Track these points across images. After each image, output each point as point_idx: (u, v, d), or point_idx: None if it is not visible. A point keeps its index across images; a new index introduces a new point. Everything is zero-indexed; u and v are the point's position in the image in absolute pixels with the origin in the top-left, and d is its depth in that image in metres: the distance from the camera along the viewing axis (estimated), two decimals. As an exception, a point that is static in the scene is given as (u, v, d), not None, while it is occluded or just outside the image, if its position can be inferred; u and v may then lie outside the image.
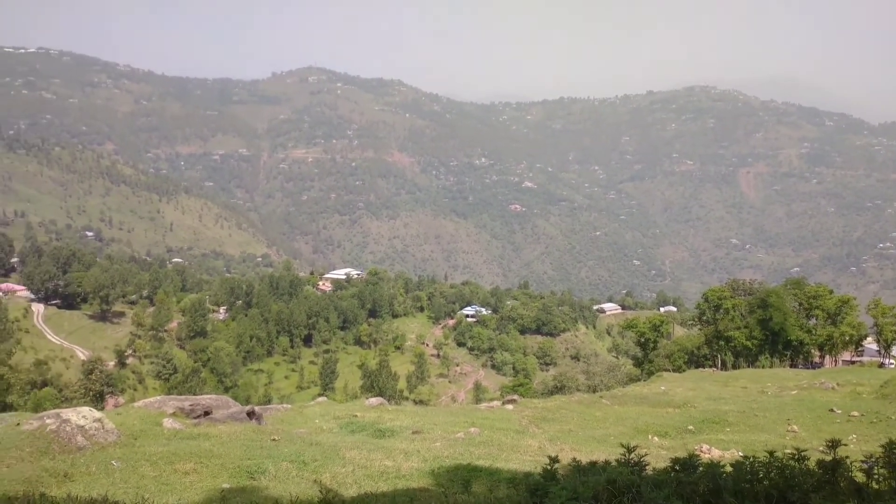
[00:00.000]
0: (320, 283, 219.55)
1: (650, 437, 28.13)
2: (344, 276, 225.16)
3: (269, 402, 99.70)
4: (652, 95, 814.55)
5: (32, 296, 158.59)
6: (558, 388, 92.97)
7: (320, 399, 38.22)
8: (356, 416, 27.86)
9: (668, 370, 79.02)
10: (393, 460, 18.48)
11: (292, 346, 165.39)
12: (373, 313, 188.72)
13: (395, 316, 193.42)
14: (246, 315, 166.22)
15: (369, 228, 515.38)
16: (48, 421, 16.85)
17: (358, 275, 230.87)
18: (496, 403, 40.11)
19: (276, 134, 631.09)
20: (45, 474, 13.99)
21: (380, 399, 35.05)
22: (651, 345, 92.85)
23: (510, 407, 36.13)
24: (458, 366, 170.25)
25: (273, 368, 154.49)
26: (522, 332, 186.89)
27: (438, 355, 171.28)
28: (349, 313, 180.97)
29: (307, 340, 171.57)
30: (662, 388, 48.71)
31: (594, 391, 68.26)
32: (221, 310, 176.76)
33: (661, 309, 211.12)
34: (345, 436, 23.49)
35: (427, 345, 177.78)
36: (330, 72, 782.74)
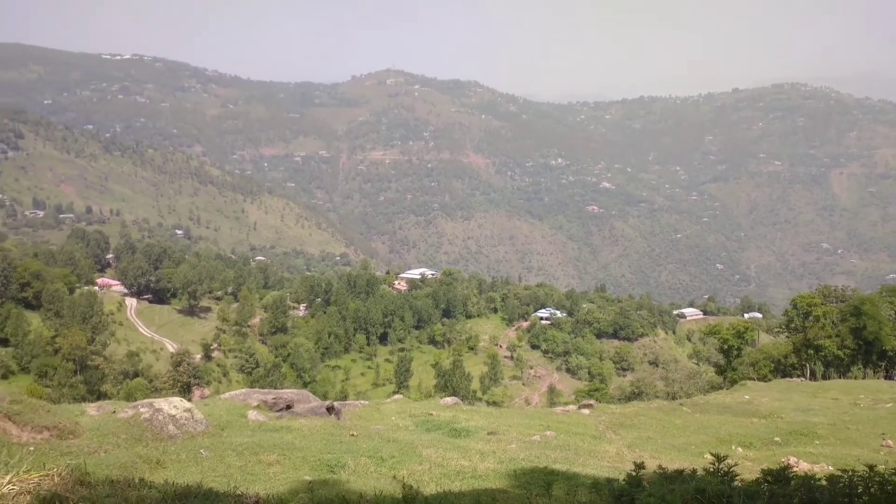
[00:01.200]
0: (396, 282, 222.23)
1: (734, 447, 27.06)
2: (419, 276, 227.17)
3: (345, 398, 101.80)
4: (737, 93, 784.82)
5: (126, 290, 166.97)
6: (636, 394, 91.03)
7: (396, 396, 38.68)
8: (431, 414, 28.03)
9: (753, 379, 75.81)
10: (469, 460, 18.48)
11: (368, 344, 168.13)
12: (447, 313, 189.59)
13: (468, 316, 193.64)
14: (325, 312, 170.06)
15: (444, 229, 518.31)
16: (142, 410, 17.72)
17: (432, 275, 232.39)
18: (572, 408, 39.54)
19: (354, 136, 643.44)
20: (139, 460, 14.68)
21: (455, 399, 35.14)
22: (734, 352, 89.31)
23: (586, 412, 35.55)
24: (531, 368, 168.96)
25: (350, 365, 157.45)
26: (599, 336, 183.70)
27: (512, 357, 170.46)
28: (424, 313, 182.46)
29: (383, 338, 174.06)
30: (746, 397, 46.82)
31: (673, 398, 66.35)
32: (301, 307, 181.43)
33: (746, 315, 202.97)
34: (421, 434, 23.67)
35: (500, 346, 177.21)
36: (408, 74, 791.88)
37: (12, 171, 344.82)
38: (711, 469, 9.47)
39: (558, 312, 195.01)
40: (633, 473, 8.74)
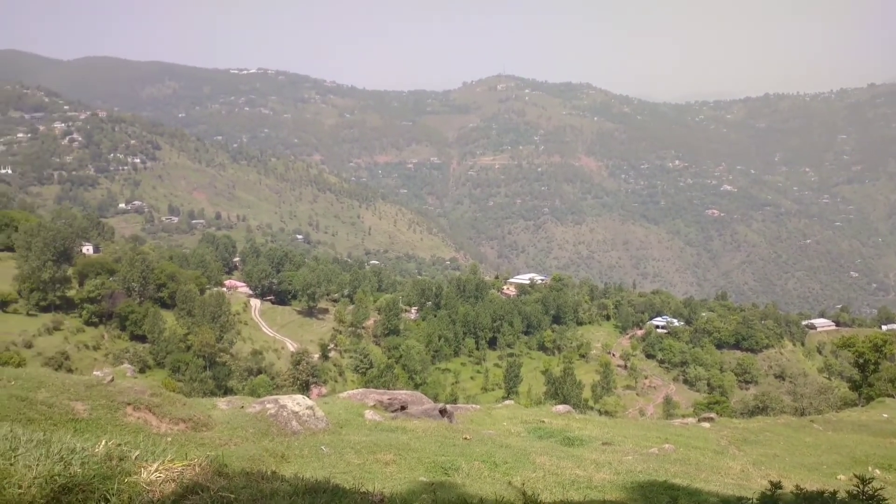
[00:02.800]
0: (505, 287, 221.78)
1: (870, 469, 24.97)
2: (528, 282, 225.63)
3: (455, 401, 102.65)
4: (874, 88, 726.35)
5: (251, 291, 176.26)
6: (760, 409, 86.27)
7: (507, 402, 38.54)
8: (544, 421, 27.74)
9: (892, 396, 69.82)
10: (584, 470, 18.10)
11: (478, 348, 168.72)
12: (556, 319, 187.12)
13: (579, 323, 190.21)
14: (435, 316, 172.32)
15: (554, 234, 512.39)
16: (268, 406, 18.62)
17: (542, 280, 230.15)
18: (691, 420, 38.04)
19: (465, 142, 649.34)
20: (265, 454, 15.41)
21: (567, 407, 34.63)
22: (871, 367, 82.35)
23: (706, 425, 34.09)
24: (646, 378, 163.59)
25: (459, 368, 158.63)
26: (719, 346, 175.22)
27: (625, 366, 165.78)
28: (533, 318, 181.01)
29: (492, 343, 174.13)
30: (885, 415, 43.17)
31: (802, 414, 62.21)
32: (413, 310, 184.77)
33: (884, 327, 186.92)
34: (533, 441, 23.46)
35: (613, 354, 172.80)
36: (518, 78, 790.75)
37: (151, 179, 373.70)
38: (854, 492, 8.75)
39: (675, 321, 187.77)
40: (769, 493, 8.20)
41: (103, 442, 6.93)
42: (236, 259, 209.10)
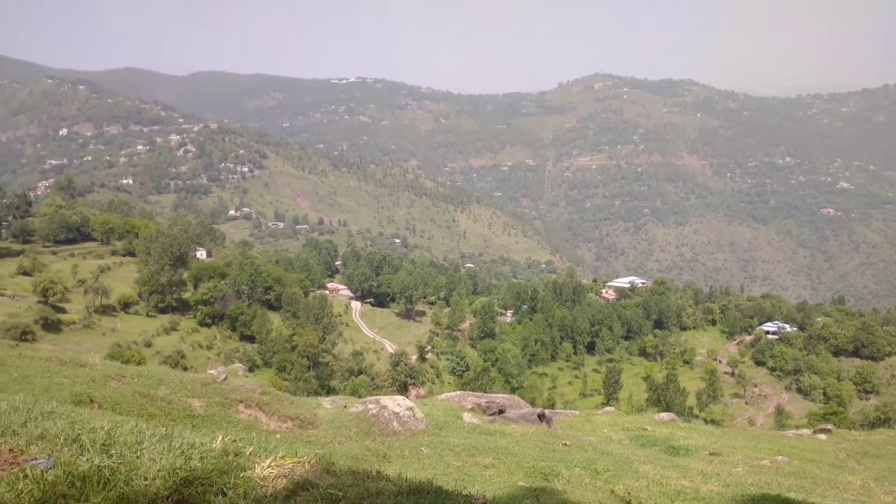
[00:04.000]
0: (603, 290, 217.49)
1: None
2: (628, 285, 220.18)
3: (552, 406, 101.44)
4: None
5: (352, 294, 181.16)
6: (882, 421, 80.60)
7: (608, 409, 37.75)
8: (646, 429, 26.99)
9: None
10: (690, 480, 17.43)
11: (575, 353, 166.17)
12: (658, 324, 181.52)
13: (683, 328, 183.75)
14: (531, 319, 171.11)
15: (655, 235, 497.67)
16: (370, 406, 19.06)
17: (643, 283, 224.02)
18: (805, 432, 36.03)
19: (561, 143, 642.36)
20: (367, 453, 15.78)
21: (671, 415, 33.59)
22: None
23: (822, 437, 32.18)
24: (755, 386, 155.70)
25: (556, 373, 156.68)
26: (836, 353, 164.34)
27: (733, 373, 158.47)
28: (633, 323, 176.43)
29: (590, 348, 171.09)
30: None
31: (934, 429, 57.38)
32: (508, 313, 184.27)
33: None
34: (635, 449, 22.85)
35: (719, 361, 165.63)
36: (616, 77, 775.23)
37: (258, 187, 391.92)
38: None
39: (787, 326, 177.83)
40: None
41: (220, 438, 7.30)
42: (338, 263, 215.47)
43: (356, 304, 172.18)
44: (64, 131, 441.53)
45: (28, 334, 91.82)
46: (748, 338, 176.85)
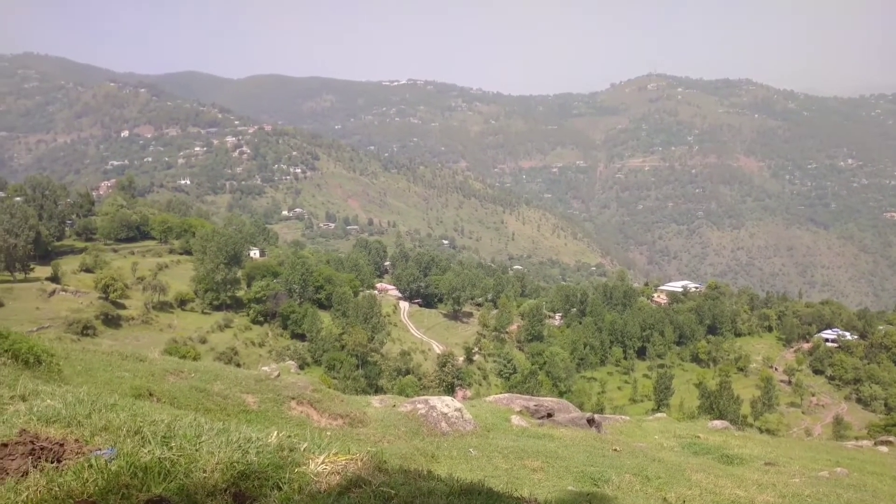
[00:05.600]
0: (655, 294, 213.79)
1: None
2: (680, 289, 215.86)
3: (601, 410, 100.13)
4: None
5: (400, 294, 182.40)
6: (952, 436, 76.52)
7: (659, 415, 37.08)
8: (699, 437, 26.44)
9: None
10: (745, 490, 16.99)
11: (625, 358, 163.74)
12: (712, 330, 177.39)
13: (737, 334, 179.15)
14: (580, 323, 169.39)
15: (709, 239, 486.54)
16: (418, 406, 19.15)
17: (696, 288, 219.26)
18: (866, 443, 34.76)
19: (612, 144, 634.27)
20: (416, 453, 15.86)
21: (724, 422, 32.85)
22: None
23: (884, 449, 31.02)
24: (813, 395, 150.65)
25: (606, 378, 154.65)
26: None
27: (789, 382, 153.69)
28: (686, 328, 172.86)
29: (641, 353, 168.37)
30: None
31: None
32: (557, 316, 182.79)
33: None
34: (688, 456, 22.39)
35: (775, 369, 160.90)
36: (670, 77, 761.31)
37: (310, 188, 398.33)
38: None
39: (847, 334, 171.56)
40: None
41: (275, 433, 7.45)
42: (387, 263, 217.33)
43: (404, 305, 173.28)
44: (125, 133, 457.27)
45: (89, 329, 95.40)
46: (806, 345, 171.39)
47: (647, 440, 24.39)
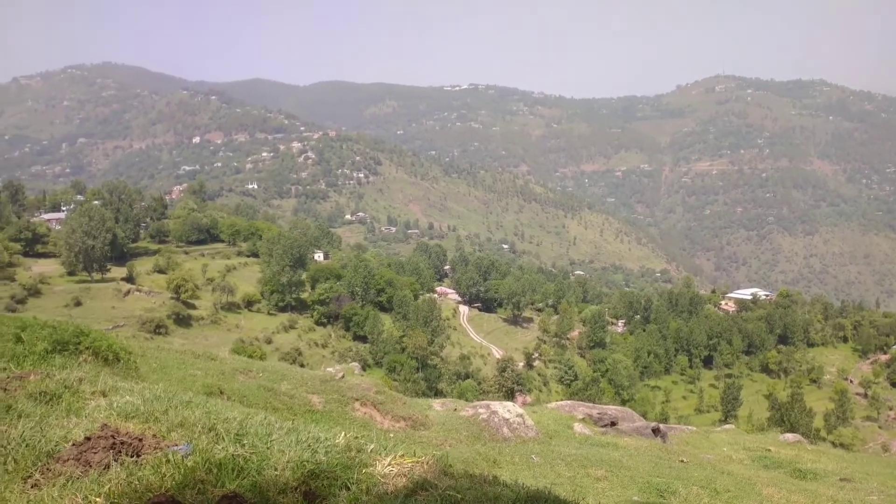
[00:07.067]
0: (723, 302, 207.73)
1: None
2: (750, 297, 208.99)
3: (665, 420, 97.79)
4: None
5: (459, 298, 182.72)
6: None
7: (727, 426, 35.96)
8: (769, 450, 25.52)
9: None
10: (820, 507, 16.30)
11: (691, 367, 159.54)
12: (783, 339, 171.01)
13: (810, 344, 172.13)
14: (644, 330, 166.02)
15: (780, 245, 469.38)
16: (480, 411, 19.11)
17: (766, 296, 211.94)
18: (953, 462, 32.74)
19: (678, 147, 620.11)
20: (478, 457, 15.81)
21: (796, 436, 31.61)
22: None
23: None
24: (890, 409, 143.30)
25: (670, 387, 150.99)
26: None
27: (865, 395, 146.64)
28: (755, 337, 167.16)
29: (707, 362, 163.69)
30: None
31: None
32: (619, 323, 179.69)
33: None
34: (758, 470, 21.64)
35: (851, 381, 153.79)
36: (739, 78, 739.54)
37: (372, 193, 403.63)
38: None
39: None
40: None
41: (342, 434, 7.57)
42: (447, 267, 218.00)
43: (464, 309, 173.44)
44: (196, 139, 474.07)
45: (162, 328, 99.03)
46: (884, 357, 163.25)
47: (715, 452, 23.67)
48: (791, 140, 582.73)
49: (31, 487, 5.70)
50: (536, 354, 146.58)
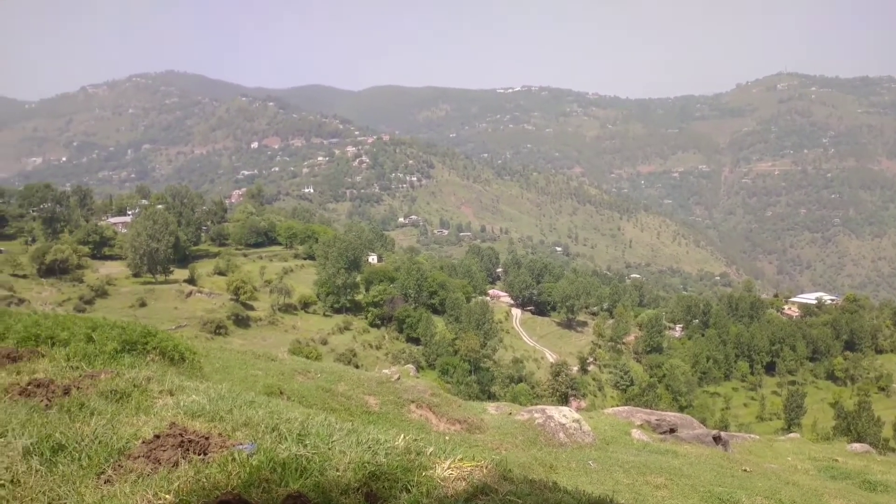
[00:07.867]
0: (785, 306, 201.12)
1: None
2: (814, 301, 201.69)
3: (725, 427, 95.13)
4: None
5: (512, 301, 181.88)
6: None
7: (791, 435, 34.79)
8: (837, 460, 24.58)
9: None
10: (893, 522, 15.59)
11: (752, 373, 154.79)
12: (849, 346, 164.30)
13: (878, 351, 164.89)
14: (702, 335, 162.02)
15: (847, 248, 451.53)
16: (535, 415, 18.97)
17: (832, 300, 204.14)
18: None
19: (738, 147, 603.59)
20: (534, 462, 15.69)
21: (865, 446, 30.39)
22: None
23: None
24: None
25: (730, 393, 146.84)
26: None
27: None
28: (820, 343, 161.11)
29: (769, 368, 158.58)
30: None
31: None
32: (677, 327, 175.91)
33: None
34: (825, 480, 20.84)
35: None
36: (802, 76, 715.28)
37: (425, 196, 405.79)
38: None
39: None
40: None
41: (402, 436, 7.62)
42: (499, 270, 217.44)
43: (516, 312, 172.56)
44: (255, 144, 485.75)
45: (222, 328, 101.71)
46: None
47: (779, 461, 22.93)
48: (857, 139, 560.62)
49: (104, 483, 5.89)
50: (591, 359, 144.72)
